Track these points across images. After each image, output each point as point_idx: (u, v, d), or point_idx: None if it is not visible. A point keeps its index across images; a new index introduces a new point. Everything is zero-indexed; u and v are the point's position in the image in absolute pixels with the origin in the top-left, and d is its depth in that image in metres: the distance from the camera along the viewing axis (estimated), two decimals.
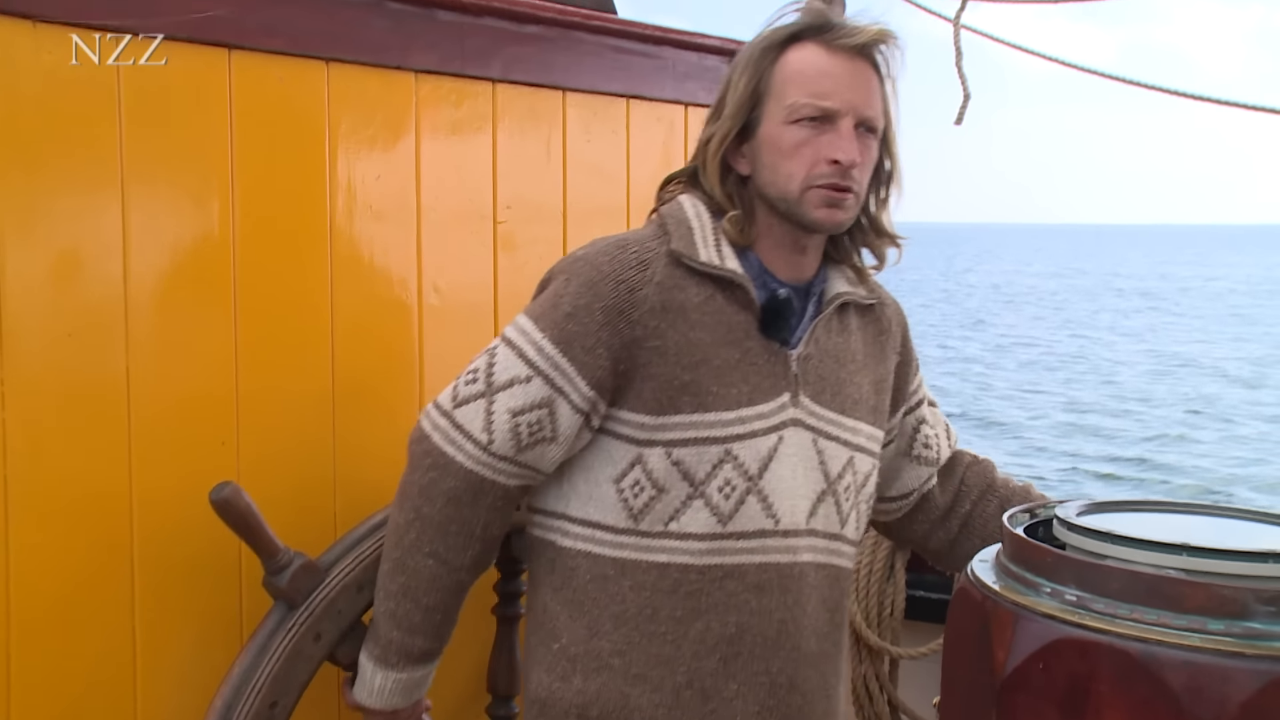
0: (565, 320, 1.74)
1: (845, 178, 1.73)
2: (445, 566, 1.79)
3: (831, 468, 1.82)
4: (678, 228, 1.78)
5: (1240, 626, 1.24)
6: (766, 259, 1.81)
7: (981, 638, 1.41)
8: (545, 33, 2.44)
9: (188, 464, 2.00)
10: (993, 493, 2.09)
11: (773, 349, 1.78)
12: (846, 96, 1.73)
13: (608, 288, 1.73)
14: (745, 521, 1.74)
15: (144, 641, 1.97)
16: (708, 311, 1.75)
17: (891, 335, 1.97)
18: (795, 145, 1.74)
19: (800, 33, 1.77)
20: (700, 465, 1.73)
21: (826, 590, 1.84)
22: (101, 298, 1.91)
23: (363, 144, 2.22)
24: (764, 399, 1.76)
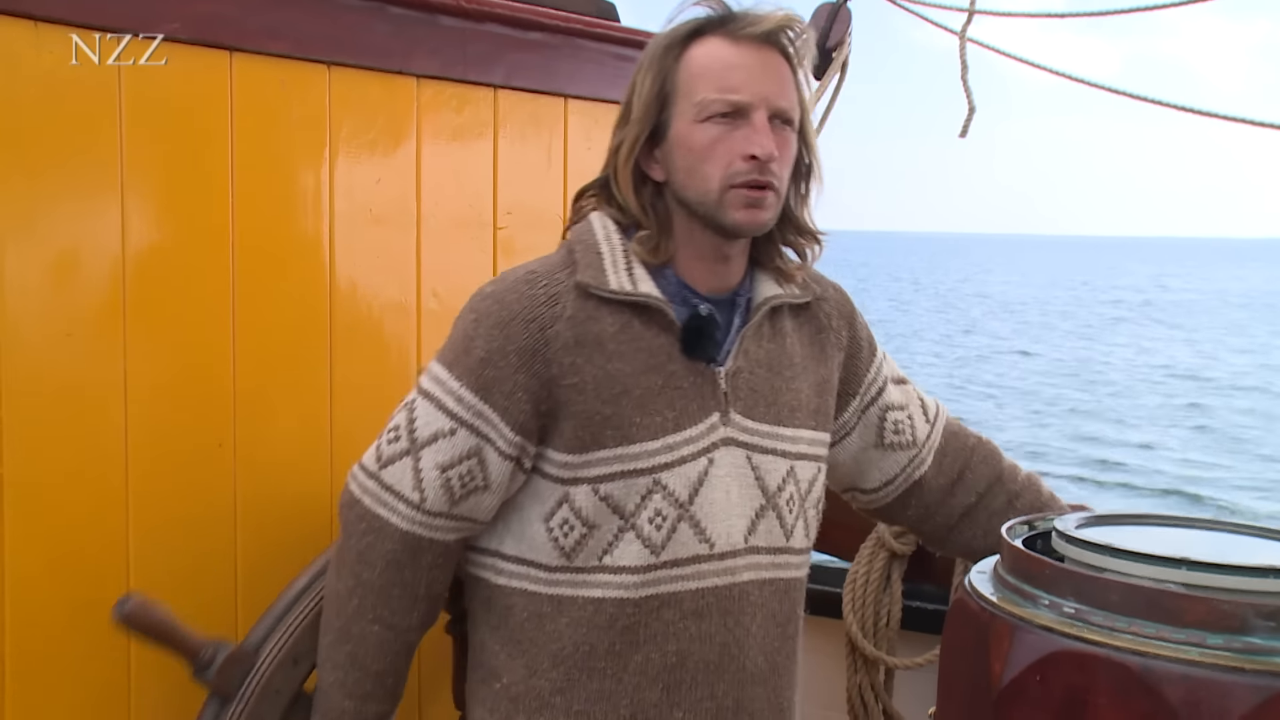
0: (480, 366, 1.67)
1: (764, 173, 1.65)
2: (392, 631, 1.74)
3: (769, 482, 1.76)
4: (585, 254, 1.71)
5: (1240, 641, 1.24)
6: (686, 272, 1.74)
7: (979, 649, 1.40)
8: (548, 39, 2.44)
9: (185, 466, 2.00)
10: (1000, 486, 2.01)
11: (698, 369, 1.72)
12: (757, 88, 1.66)
13: (518, 328, 1.66)
14: (678, 549, 1.69)
15: (139, 644, 1.96)
16: (624, 340, 1.68)
17: (832, 331, 1.89)
18: (708, 144, 1.66)
19: (702, 26, 1.69)
20: (629, 498, 1.67)
21: (775, 605, 1.79)
22: (100, 299, 1.91)
23: (363, 148, 2.22)
24: (691, 423, 1.70)
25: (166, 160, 1.97)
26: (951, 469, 2.00)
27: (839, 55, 3.47)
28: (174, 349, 1.99)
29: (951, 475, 2.00)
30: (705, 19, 1.69)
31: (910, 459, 1.98)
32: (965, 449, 2.03)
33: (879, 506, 2.04)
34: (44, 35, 1.82)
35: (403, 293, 2.29)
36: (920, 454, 1.99)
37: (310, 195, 2.15)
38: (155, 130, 1.95)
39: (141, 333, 1.94)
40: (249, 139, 2.05)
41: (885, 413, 1.96)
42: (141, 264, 1.94)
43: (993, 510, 1.98)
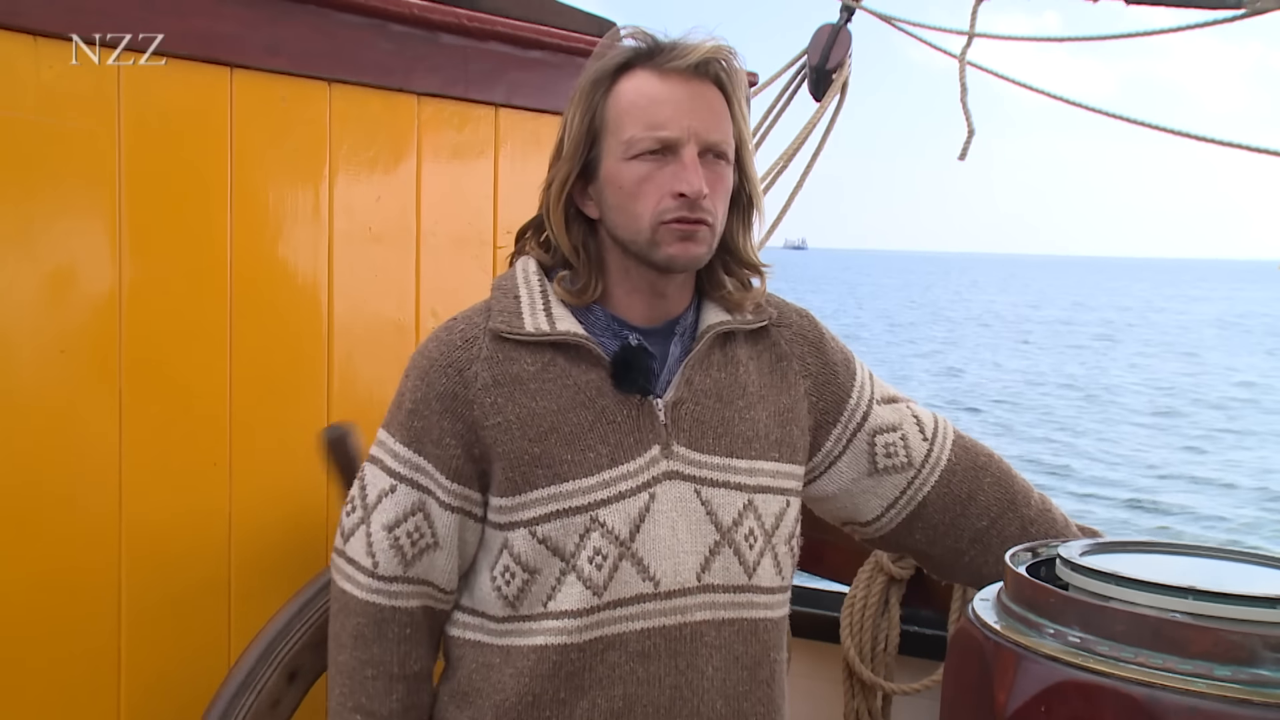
0: (409, 419, 1.66)
1: (694, 210, 1.61)
2: (373, 719, 1.68)
3: (723, 516, 1.69)
4: (501, 299, 1.69)
5: (1247, 673, 1.22)
6: (622, 307, 1.70)
7: (982, 678, 1.39)
8: (549, 58, 2.44)
9: (179, 485, 1.98)
10: (1014, 511, 1.93)
11: (634, 402, 1.66)
12: (685, 123, 1.61)
13: (437, 374, 1.65)
14: (621, 589, 1.63)
15: (129, 667, 1.94)
16: (548, 378, 1.65)
17: (795, 358, 1.82)
18: (637, 182, 1.62)
19: (630, 60, 1.65)
20: (567, 538, 1.62)
21: (739, 647, 1.70)
22: (95, 317, 1.89)
23: (364, 165, 2.21)
24: (628, 457, 1.64)
25: (165, 177, 1.96)
26: (961, 489, 1.92)
27: (839, 76, 3.47)
28: (169, 367, 1.97)
29: (961, 495, 1.91)
30: (633, 52, 1.65)
31: (909, 480, 1.90)
32: (975, 468, 1.94)
33: (883, 535, 1.94)
34: (42, 49, 1.81)
35: (401, 311, 2.28)
36: (920, 474, 1.90)
37: (309, 212, 2.14)
38: (154, 146, 1.94)
39: (136, 351, 1.93)
40: (248, 156, 2.04)
41: (874, 437, 1.88)
42: (137, 281, 1.93)
43: (1006, 536, 1.90)
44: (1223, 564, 1.51)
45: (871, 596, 2.68)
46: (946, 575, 2.03)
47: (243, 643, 2.00)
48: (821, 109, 3.44)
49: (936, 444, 1.93)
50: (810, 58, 3.47)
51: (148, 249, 1.94)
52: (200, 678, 1.99)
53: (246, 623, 2.03)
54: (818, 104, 3.46)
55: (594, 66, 1.67)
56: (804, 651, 2.84)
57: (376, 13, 2.17)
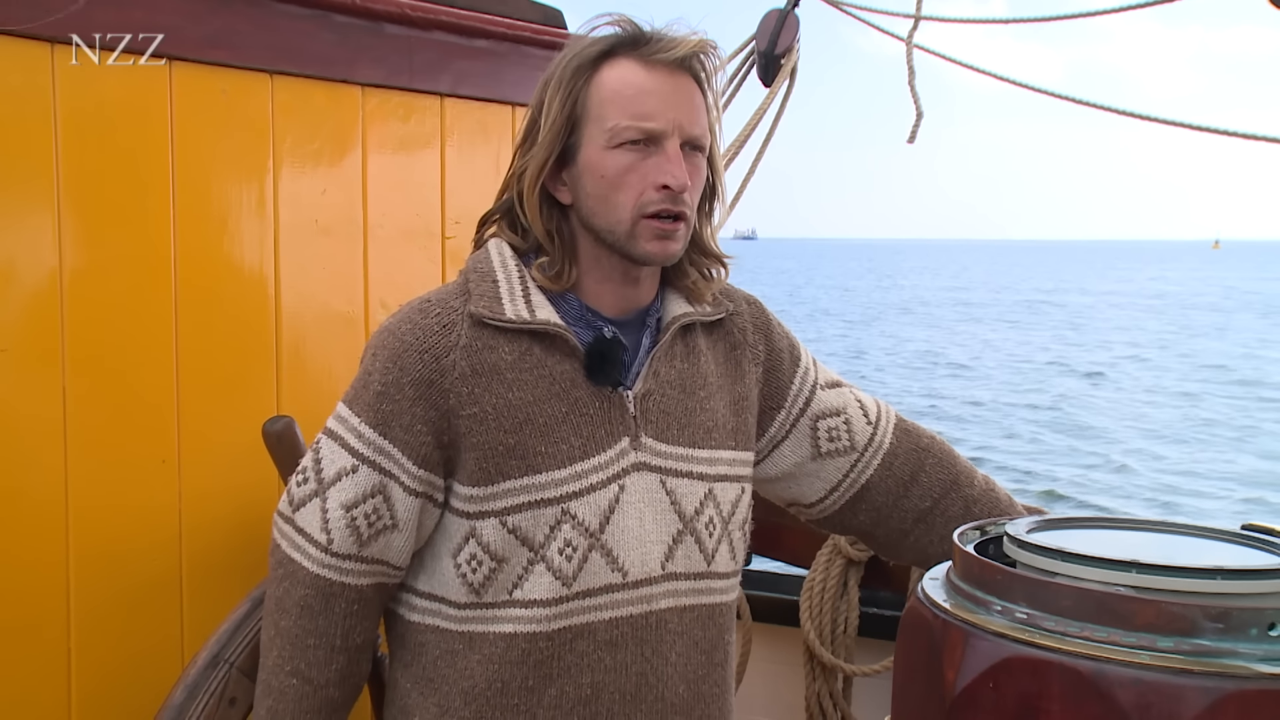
0: (378, 400, 1.63)
1: (677, 203, 1.62)
2: (309, 685, 1.67)
3: (686, 506, 1.71)
4: (480, 283, 1.66)
5: (1189, 644, 1.23)
6: (592, 296, 1.70)
7: (932, 657, 1.39)
8: (494, 47, 2.43)
9: (126, 483, 1.96)
10: (957, 491, 1.96)
11: (604, 394, 1.67)
12: (671, 115, 1.61)
13: (412, 359, 1.62)
14: (590, 579, 1.64)
15: (79, 666, 1.92)
16: (525, 368, 1.64)
17: (748, 346, 1.84)
18: (620, 172, 1.61)
19: (614, 47, 1.63)
20: (537, 529, 1.62)
21: (698, 632, 1.73)
22: (36, 314, 1.87)
23: (308, 158, 2.19)
24: (599, 449, 1.65)
25: (104, 172, 1.93)
26: (903, 471, 1.95)
27: (788, 61, 3.47)
28: (114, 364, 1.95)
29: (903, 477, 1.95)
30: (617, 39, 1.64)
31: (852, 464, 1.93)
32: (918, 450, 1.97)
33: (827, 516, 1.97)
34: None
35: (350, 304, 2.26)
36: (863, 457, 1.93)
37: (254, 206, 2.12)
38: (92, 141, 1.91)
39: (80, 348, 1.90)
40: (190, 150, 2.02)
41: (817, 421, 1.91)
42: (79, 278, 1.90)
43: (950, 516, 1.93)
44: (1166, 537, 1.52)
45: (830, 579, 2.69)
46: (893, 555, 2.05)
47: (196, 640, 1.98)
48: (771, 94, 3.44)
49: (879, 428, 1.95)
50: (759, 43, 3.47)
51: (89, 244, 1.92)
52: (153, 677, 1.98)
53: (199, 620, 2.02)
54: (767, 90, 3.46)
55: (574, 51, 1.65)
56: (764, 635, 2.86)
57: (318, 3, 2.16)
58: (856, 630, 2.70)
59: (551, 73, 1.67)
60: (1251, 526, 1.62)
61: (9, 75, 1.82)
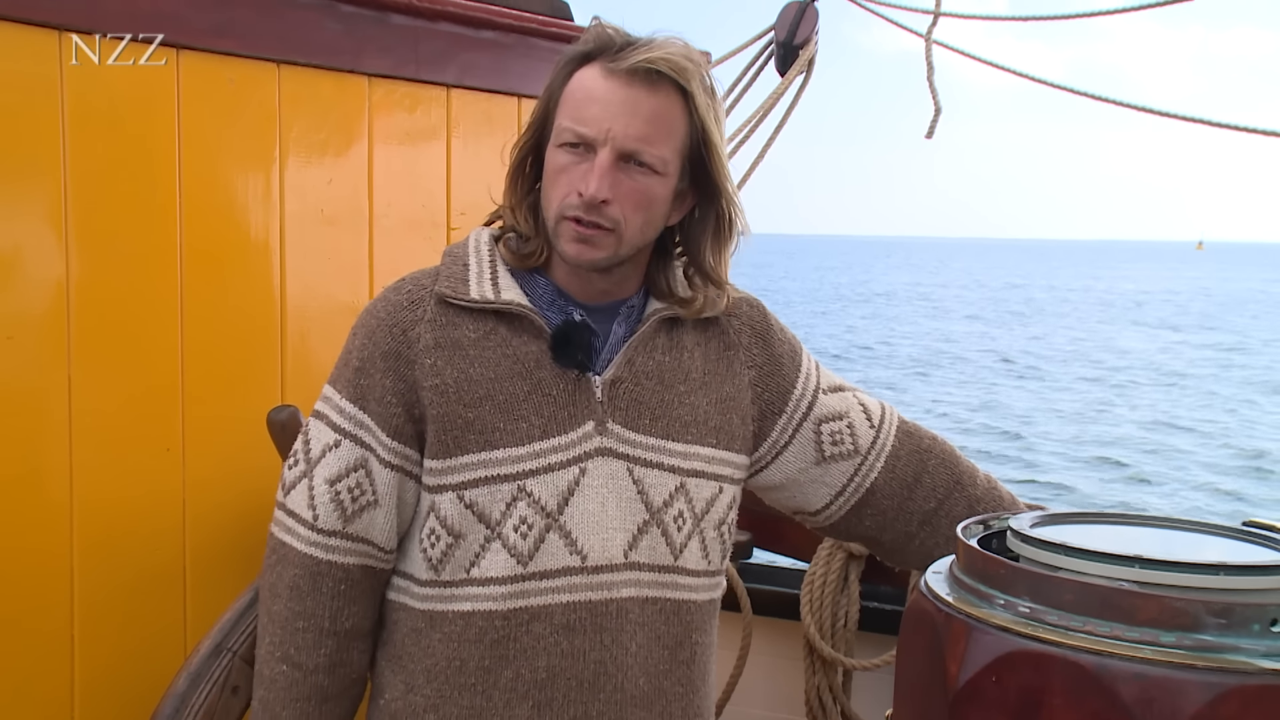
0: (356, 376, 1.68)
1: (590, 212, 1.61)
2: (299, 670, 1.68)
3: (654, 497, 1.71)
4: (450, 265, 1.71)
5: (1191, 639, 1.24)
6: (564, 280, 1.71)
7: (934, 650, 1.40)
8: (501, 38, 2.43)
9: (131, 471, 1.96)
10: (961, 491, 1.95)
11: (571, 377, 1.68)
12: (606, 125, 1.60)
13: (383, 334, 1.67)
14: (547, 560, 1.64)
15: (82, 654, 1.93)
16: (488, 346, 1.66)
17: (741, 349, 1.84)
18: (556, 171, 1.64)
19: (592, 52, 1.65)
20: (493, 505, 1.64)
21: (661, 626, 1.72)
22: (43, 302, 1.87)
23: (315, 148, 2.19)
24: (561, 430, 1.66)
25: (111, 161, 1.94)
26: (907, 473, 1.94)
27: (805, 53, 3.47)
28: (120, 352, 1.95)
29: (907, 479, 1.94)
30: (595, 43, 1.65)
31: (856, 467, 1.92)
32: (920, 450, 1.96)
33: (833, 523, 1.96)
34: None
35: (355, 294, 2.26)
36: (867, 460, 1.92)
37: (260, 196, 2.12)
38: (99, 130, 1.91)
39: (86, 336, 1.91)
40: (196, 139, 2.02)
41: (820, 425, 1.90)
42: (86, 266, 1.91)
43: (954, 517, 1.90)
44: (1168, 533, 1.53)
45: (831, 573, 2.70)
46: (898, 560, 2.04)
47: (200, 628, 1.99)
48: (785, 84, 3.44)
49: (883, 430, 1.94)
50: (778, 33, 3.48)
51: (95, 233, 1.92)
52: (156, 665, 1.98)
53: (203, 608, 2.02)
54: (781, 79, 3.46)
55: (566, 50, 1.69)
56: (764, 629, 2.86)
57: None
58: (857, 624, 2.70)
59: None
60: (1252, 523, 1.63)
61: (17, 63, 1.82)
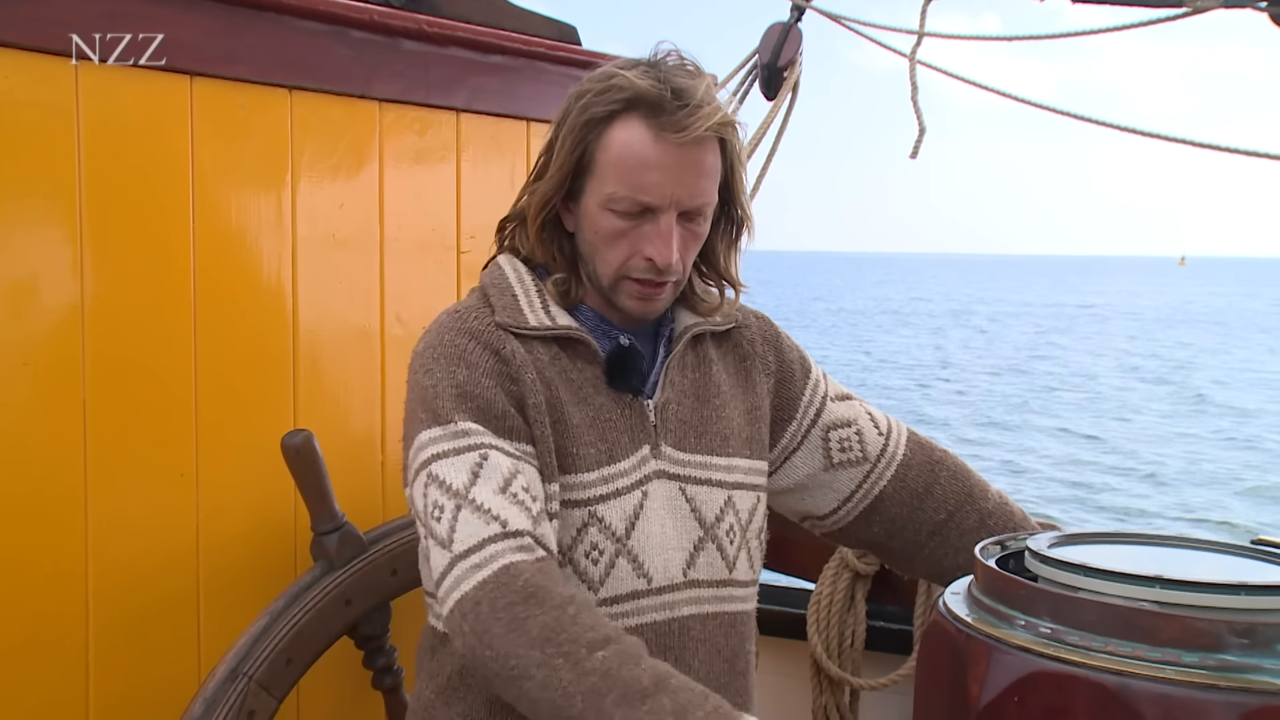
0: (460, 401, 1.58)
1: (660, 275, 1.63)
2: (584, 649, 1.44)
3: (706, 513, 1.72)
4: (500, 297, 1.68)
5: (1214, 659, 1.25)
6: (602, 305, 1.72)
7: (955, 671, 1.41)
8: (509, 63, 2.44)
9: (145, 496, 1.96)
10: (971, 503, 1.96)
11: (625, 401, 1.68)
12: (670, 191, 1.59)
13: (476, 355, 1.61)
14: (617, 585, 1.64)
15: (97, 680, 1.92)
16: (556, 371, 1.65)
17: (758, 357, 1.86)
18: (611, 235, 1.63)
19: (631, 104, 1.59)
20: (565, 531, 1.62)
21: (720, 640, 1.74)
22: (58, 328, 1.87)
23: (326, 172, 2.20)
24: (623, 455, 1.66)
25: (125, 187, 1.94)
26: (918, 483, 1.95)
27: (790, 75, 3.49)
28: (134, 378, 1.95)
29: (918, 489, 1.95)
30: (634, 96, 1.59)
31: (865, 474, 1.94)
32: (931, 462, 1.97)
33: (841, 528, 1.98)
34: (1, 60, 1.79)
35: (366, 318, 2.27)
36: (876, 468, 1.94)
37: (272, 220, 2.13)
38: (114, 156, 1.92)
39: (100, 362, 1.91)
40: (209, 164, 2.03)
41: (828, 432, 1.92)
42: (100, 292, 1.91)
43: (965, 529, 1.94)
44: (1186, 553, 1.54)
45: (837, 593, 2.70)
46: (906, 568, 2.06)
47: (214, 656, 1.98)
48: (775, 108, 3.46)
49: (891, 439, 1.96)
50: (761, 56, 3.49)
51: (109, 259, 1.92)
52: (171, 691, 1.98)
53: (217, 635, 2.02)
54: (770, 103, 3.48)
55: (591, 99, 1.62)
56: (771, 649, 2.86)
57: (336, 19, 2.17)
58: (864, 644, 2.70)
59: (568, 111, 1.65)
60: (1262, 541, 1.64)
61: (32, 91, 1.83)
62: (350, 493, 2.12)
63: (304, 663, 1.99)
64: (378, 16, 2.21)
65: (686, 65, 1.65)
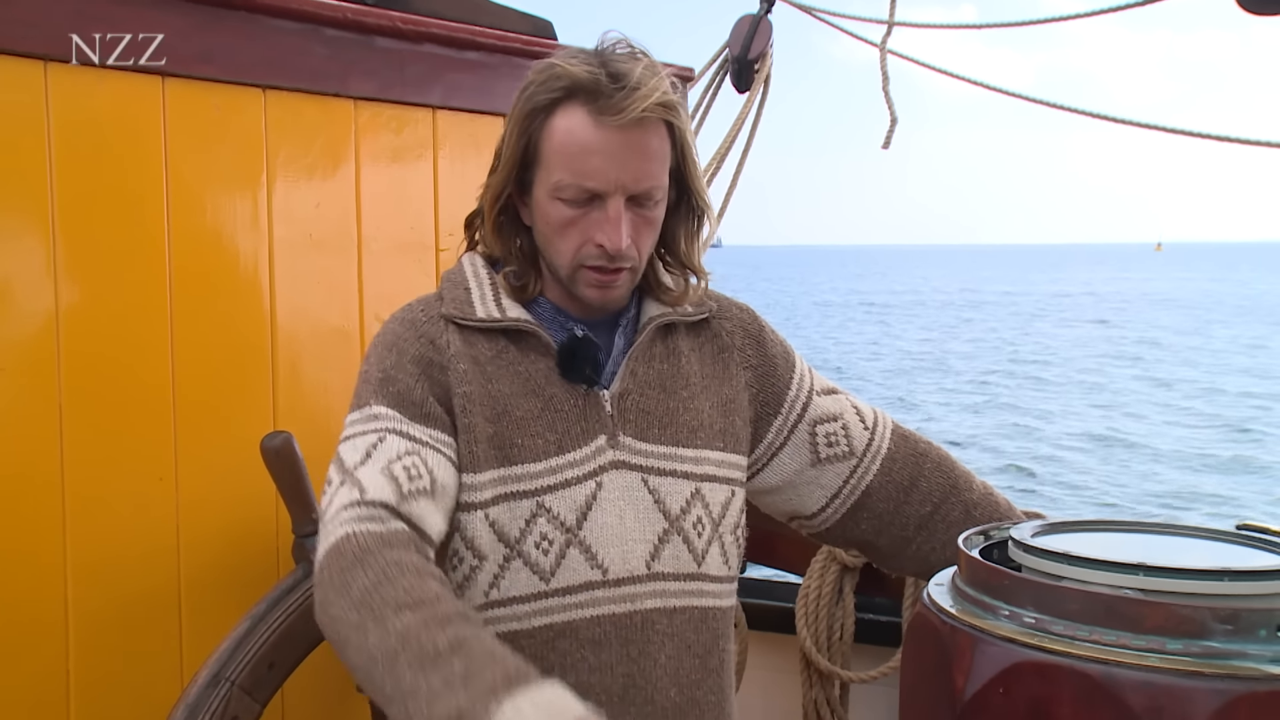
0: (382, 385, 1.61)
1: (614, 260, 1.63)
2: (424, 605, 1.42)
3: (671, 505, 1.70)
4: (451, 290, 1.70)
5: (1198, 646, 1.24)
6: (560, 298, 1.72)
7: (940, 663, 1.40)
8: (485, 59, 2.43)
9: (124, 501, 1.95)
10: (956, 495, 1.95)
11: (580, 392, 1.68)
12: (614, 176, 1.59)
13: (409, 342, 1.64)
14: (569, 576, 1.63)
15: (78, 686, 1.91)
16: (501, 364, 1.66)
17: (735, 350, 1.84)
18: (561, 224, 1.63)
19: (569, 92, 1.59)
20: (513, 523, 1.62)
21: (690, 635, 1.71)
22: (32, 333, 1.86)
23: (302, 172, 2.18)
24: (575, 446, 1.65)
25: (98, 189, 1.92)
26: (903, 476, 1.94)
27: (761, 68, 3.49)
28: (110, 382, 1.94)
29: (903, 482, 1.94)
30: (572, 84, 1.59)
31: (852, 469, 1.92)
32: (916, 454, 1.96)
33: (829, 527, 1.96)
34: None
35: (345, 318, 2.25)
36: (863, 462, 1.92)
37: (248, 221, 2.11)
38: (86, 158, 1.90)
39: (76, 366, 1.89)
40: (184, 166, 2.01)
41: (815, 426, 1.90)
42: (74, 296, 1.89)
43: (951, 521, 1.92)
44: (1169, 539, 1.53)
45: (825, 586, 2.70)
46: (894, 566, 2.03)
47: (196, 660, 1.97)
48: (749, 102, 3.45)
49: (877, 433, 1.95)
50: (731, 49, 3.49)
51: (83, 261, 1.91)
52: (153, 696, 1.97)
53: (199, 640, 2.00)
54: (742, 96, 3.48)
55: (534, 89, 1.63)
56: (760, 643, 2.86)
57: (309, 18, 2.15)
58: (853, 637, 2.70)
59: (515, 102, 1.65)
60: (1246, 526, 1.63)
61: (2, 93, 1.81)
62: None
63: (287, 667, 1.97)
64: (351, 14, 2.20)
65: (632, 51, 1.64)
